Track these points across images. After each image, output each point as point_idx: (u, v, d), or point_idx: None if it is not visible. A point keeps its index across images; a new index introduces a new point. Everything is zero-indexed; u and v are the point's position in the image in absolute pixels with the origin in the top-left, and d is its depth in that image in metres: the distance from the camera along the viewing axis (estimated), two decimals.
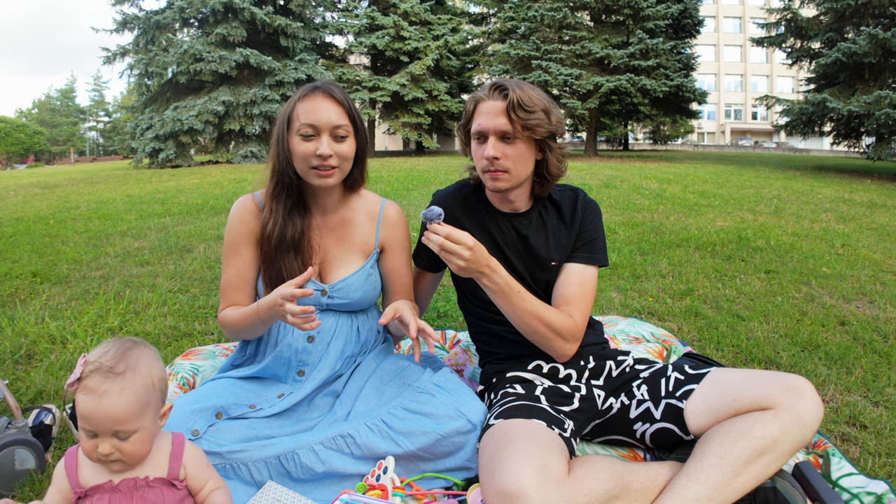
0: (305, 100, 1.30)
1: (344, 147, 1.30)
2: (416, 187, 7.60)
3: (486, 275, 1.21)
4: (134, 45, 16.14)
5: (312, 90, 1.30)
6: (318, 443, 1.17)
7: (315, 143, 1.27)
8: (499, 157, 1.27)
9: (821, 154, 26.35)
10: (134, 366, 0.91)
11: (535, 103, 1.26)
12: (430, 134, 21.60)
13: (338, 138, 1.29)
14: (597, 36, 15.75)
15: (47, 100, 51.09)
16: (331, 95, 1.29)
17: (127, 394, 0.88)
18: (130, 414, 0.88)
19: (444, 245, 1.15)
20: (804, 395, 1.08)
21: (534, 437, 1.08)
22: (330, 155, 1.27)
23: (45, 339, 2.23)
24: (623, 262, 3.39)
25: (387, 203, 1.49)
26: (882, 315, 2.50)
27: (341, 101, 1.30)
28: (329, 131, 1.28)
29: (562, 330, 1.28)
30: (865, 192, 7.62)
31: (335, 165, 1.29)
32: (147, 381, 0.91)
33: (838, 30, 12.02)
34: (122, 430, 0.88)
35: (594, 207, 1.43)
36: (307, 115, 1.27)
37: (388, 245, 1.47)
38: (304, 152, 1.27)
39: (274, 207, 1.35)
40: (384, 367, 1.41)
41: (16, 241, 4.47)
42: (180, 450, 0.98)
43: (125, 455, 0.90)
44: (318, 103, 1.28)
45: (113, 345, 0.93)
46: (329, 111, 1.28)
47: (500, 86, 1.29)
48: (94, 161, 36.50)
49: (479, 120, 1.30)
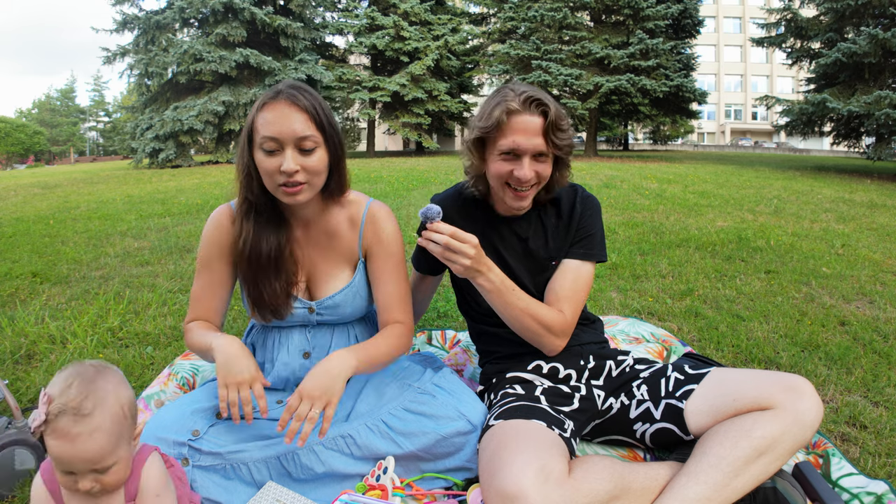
0: (266, 109, 1.14)
1: (312, 160, 1.15)
2: (416, 187, 7.60)
3: (483, 273, 1.21)
4: (134, 45, 16.13)
5: (273, 97, 1.14)
6: (318, 443, 1.17)
7: (279, 158, 1.13)
8: (532, 177, 1.25)
9: (821, 154, 26.35)
10: (102, 401, 0.86)
11: (565, 121, 1.25)
12: (430, 134, 21.59)
13: (304, 151, 1.14)
14: (597, 36, 15.75)
15: (47, 100, 51.07)
16: (294, 102, 1.13)
17: (99, 434, 0.84)
18: (105, 452, 0.85)
19: (449, 244, 1.13)
20: (804, 394, 1.08)
21: (534, 437, 1.08)
22: (296, 171, 1.13)
23: (45, 339, 2.23)
24: (623, 262, 3.39)
25: (372, 204, 1.35)
26: (882, 315, 2.50)
27: (306, 107, 1.14)
28: (293, 144, 1.13)
29: (552, 326, 1.28)
30: (865, 192, 7.62)
31: (303, 181, 1.15)
32: (116, 413, 0.87)
33: (838, 30, 12.02)
34: (100, 468, 0.85)
35: (593, 202, 1.41)
36: (268, 127, 1.12)
37: (371, 249, 1.33)
38: (267, 169, 1.14)
39: (245, 226, 1.23)
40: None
41: (16, 241, 4.47)
42: (138, 470, 0.94)
43: (106, 486, 0.87)
44: (280, 112, 1.13)
45: (75, 377, 0.86)
46: (292, 121, 1.13)
47: (536, 100, 1.22)
48: (94, 161, 36.51)
49: (513, 137, 1.22)
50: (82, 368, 0.88)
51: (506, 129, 1.23)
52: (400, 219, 4.87)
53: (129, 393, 0.92)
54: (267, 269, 1.24)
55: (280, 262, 1.26)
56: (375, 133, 21.25)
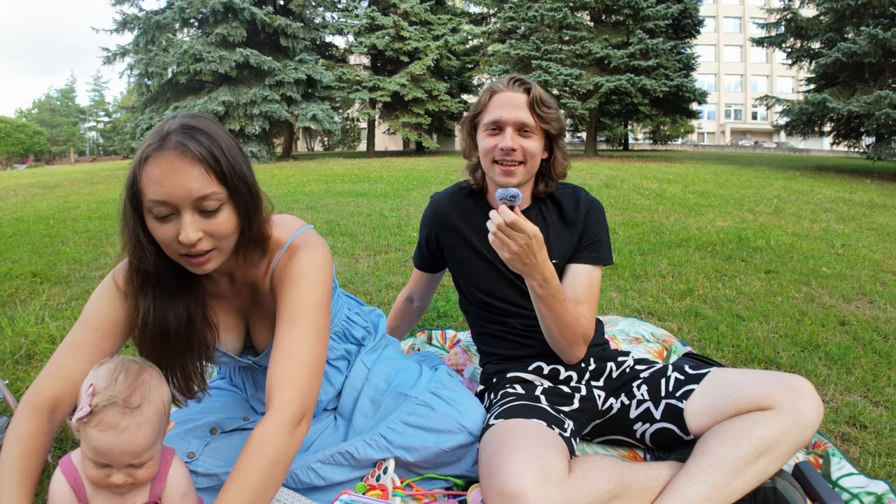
0: (150, 163, 0.88)
1: (217, 222, 0.92)
2: (416, 187, 7.60)
3: (535, 276, 1.17)
4: (134, 46, 16.15)
5: (158, 146, 0.88)
6: (316, 461, 1.17)
7: (174, 224, 0.90)
8: (516, 148, 1.26)
9: (821, 154, 26.34)
10: (148, 395, 0.86)
11: (550, 100, 1.29)
12: (430, 134, 21.59)
13: (206, 213, 0.91)
14: (597, 36, 15.75)
15: (47, 100, 51.08)
16: (184, 153, 0.88)
17: (145, 428, 0.84)
18: (148, 446, 0.86)
19: (502, 228, 1.11)
20: (804, 394, 1.08)
21: (534, 436, 1.08)
22: (198, 239, 0.90)
23: (45, 339, 2.23)
24: (623, 262, 3.39)
25: (295, 238, 1.07)
26: (882, 315, 2.50)
27: (202, 156, 0.88)
28: (191, 206, 0.89)
29: (585, 336, 1.29)
30: (865, 192, 7.62)
31: (209, 248, 0.93)
32: (160, 408, 0.88)
33: (838, 30, 12.02)
34: (138, 462, 0.86)
35: (598, 207, 1.42)
36: (155, 188, 0.87)
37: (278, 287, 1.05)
38: (162, 238, 0.91)
39: (142, 302, 0.99)
40: (375, 371, 1.34)
41: (16, 241, 4.47)
42: (166, 469, 0.94)
43: (138, 480, 0.87)
44: (169, 168, 0.87)
45: (121, 370, 0.86)
46: (185, 178, 0.87)
47: (520, 80, 1.29)
48: (94, 161, 36.48)
49: (496, 111, 1.28)
50: (126, 363, 0.89)
51: (490, 105, 1.30)
52: (400, 218, 4.87)
53: (167, 390, 0.93)
54: (176, 347, 1.02)
55: (193, 337, 1.04)
56: (375, 133, 21.25)
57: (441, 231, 1.45)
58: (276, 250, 1.07)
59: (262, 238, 1.04)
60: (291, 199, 6.53)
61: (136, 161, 0.90)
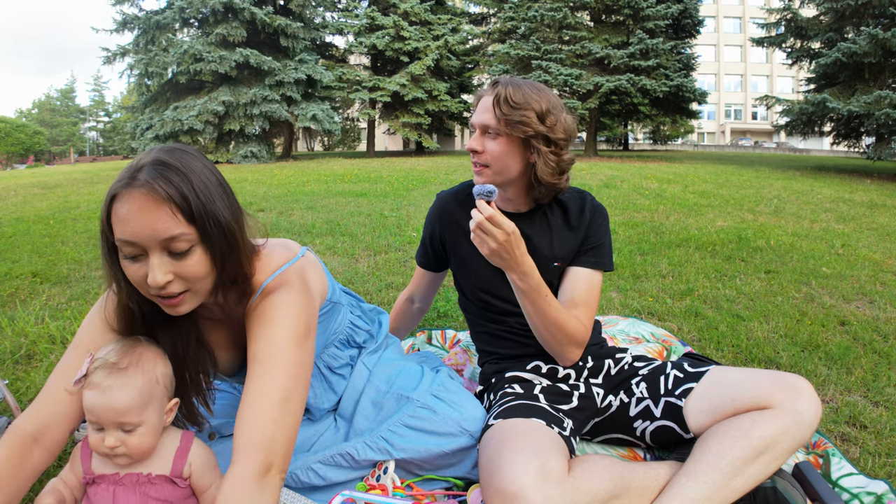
0: (117, 201, 0.84)
1: (188, 264, 0.87)
2: (416, 187, 7.61)
3: (516, 270, 1.20)
4: (134, 45, 16.14)
5: (127, 184, 0.84)
6: (316, 462, 1.17)
7: (144, 265, 0.86)
8: (478, 150, 1.28)
9: (821, 154, 26.34)
10: (137, 361, 0.92)
11: (525, 101, 1.22)
12: (430, 134, 21.59)
13: (175, 254, 0.86)
14: (597, 36, 15.75)
15: (47, 100, 51.07)
16: (152, 191, 0.83)
17: (128, 388, 0.89)
18: (132, 406, 0.89)
19: (482, 224, 1.14)
20: (803, 394, 1.08)
21: (533, 436, 1.08)
22: (167, 282, 0.86)
23: (45, 339, 2.23)
24: (623, 262, 3.39)
25: (273, 280, 1.00)
26: (882, 315, 2.50)
27: (169, 196, 0.83)
28: (158, 247, 0.85)
29: (576, 337, 1.28)
30: (865, 192, 7.62)
31: (181, 291, 0.88)
32: (150, 376, 0.93)
33: (838, 30, 12.02)
34: (125, 423, 0.90)
35: (602, 212, 1.42)
36: (122, 227, 0.84)
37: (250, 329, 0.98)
38: (133, 278, 0.88)
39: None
40: (377, 373, 1.35)
41: (16, 241, 4.47)
42: (187, 447, 0.98)
43: (130, 449, 0.91)
44: (135, 207, 0.83)
45: (119, 343, 0.95)
46: (153, 218, 0.83)
47: (496, 81, 1.30)
48: (94, 161, 36.45)
49: (474, 115, 1.32)
50: (127, 339, 0.97)
51: (475, 109, 1.33)
52: (400, 218, 4.87)
53: (167, 366, 0.98)
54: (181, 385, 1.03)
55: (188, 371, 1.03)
56: (375, 133, 21.25)
57: (445, 228, 1.45)
58: (254, 291, 1.00)
59: (243, 279, 0.97)
60: (291, 199, 6.53)
61: (107, 197, 0.86)
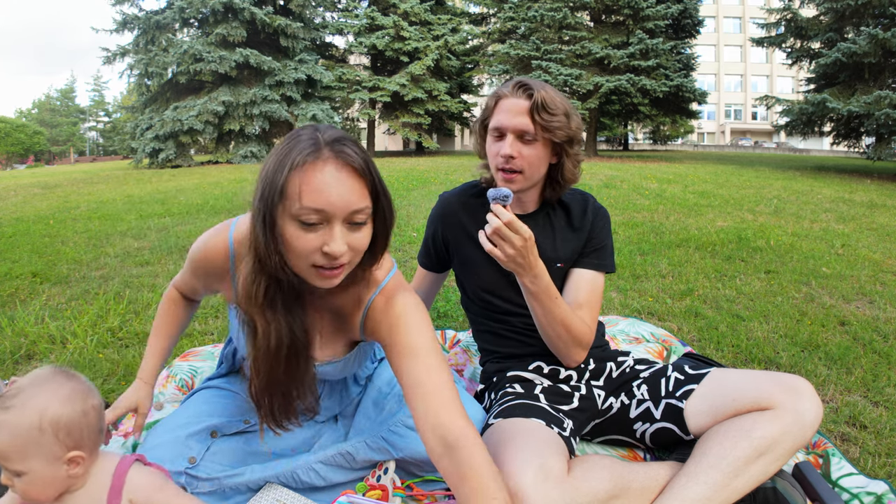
0: (309, 170, 0.84)
1: (360, 237, 0.90)
2: (416, 187, 7.60)
3: (528, 274, 1.19)
4: (134, 46, 16.14)
5: (314, 153, 0.85)
6: (317, 462, 1.17)
7: (321, 234, 0.86)
8: (515, 156, 1.25)
9: (821, 154, 26.34)
10: (24, 405, 0.81)
11: (557, 106, 1.24)
12: (430, 134, 21.59)
13: (354, 225, 0.89)
14: (597, 36, 15.75)
15: (47, 100, 51.06)
16: (347, 162, 0.86)
17: (6, 430, 0.81)
18: (6, 451, 0.81)
19: (500, 230, 1.12)
20: (804, 395, 1.08)
21: (533, 436, 1.08)
22: (343, 252, 0.87)
23: (45, 339, 2.23)
24: (623, 262, 3.39)
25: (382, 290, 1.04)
26: (882, 315, 2.50)
27: (361, 169, 0.87)
28: (344, 218, 0.87)
29: (581, 339, 1.28)
30: (865, 192, 7.62)
31: (345, 262, 0.90)
32: (31, 422, 0.81)
33: (838, 30, 12.02)
34: (7, 468, 0.82)
35: (604, 214, 1.42)
36: (314, 197, 0.84)
37: (383, 341, 1.03)
38: (304, 248, 0.86)
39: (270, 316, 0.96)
40: (380, 372, 1.36)
41: (16, 241, 4.47)
42: (120, 484, 0.88)
43: (21, 493, 0.83)
44: (330, 177, 0.85)
45: (36, 375, 0.85)
46: (346, 189, 0.86)
47: (524, 84, 1.26)
48: (94, 161, 36.48)
49: (498, 116, 1.28)
50: (51, 372, 0.87)
51: (495, 111, 1.29)
52: (400, 218, 4.87)
53: (71, 413, 0.85)
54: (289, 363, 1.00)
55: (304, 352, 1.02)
56: (375, 133, 21.25)
57: (447, 228, 1.45)
58: (371, 286, 1.03)
59: (375, 264, 1.00)
60: None
61: (289, 163, 0.84)
